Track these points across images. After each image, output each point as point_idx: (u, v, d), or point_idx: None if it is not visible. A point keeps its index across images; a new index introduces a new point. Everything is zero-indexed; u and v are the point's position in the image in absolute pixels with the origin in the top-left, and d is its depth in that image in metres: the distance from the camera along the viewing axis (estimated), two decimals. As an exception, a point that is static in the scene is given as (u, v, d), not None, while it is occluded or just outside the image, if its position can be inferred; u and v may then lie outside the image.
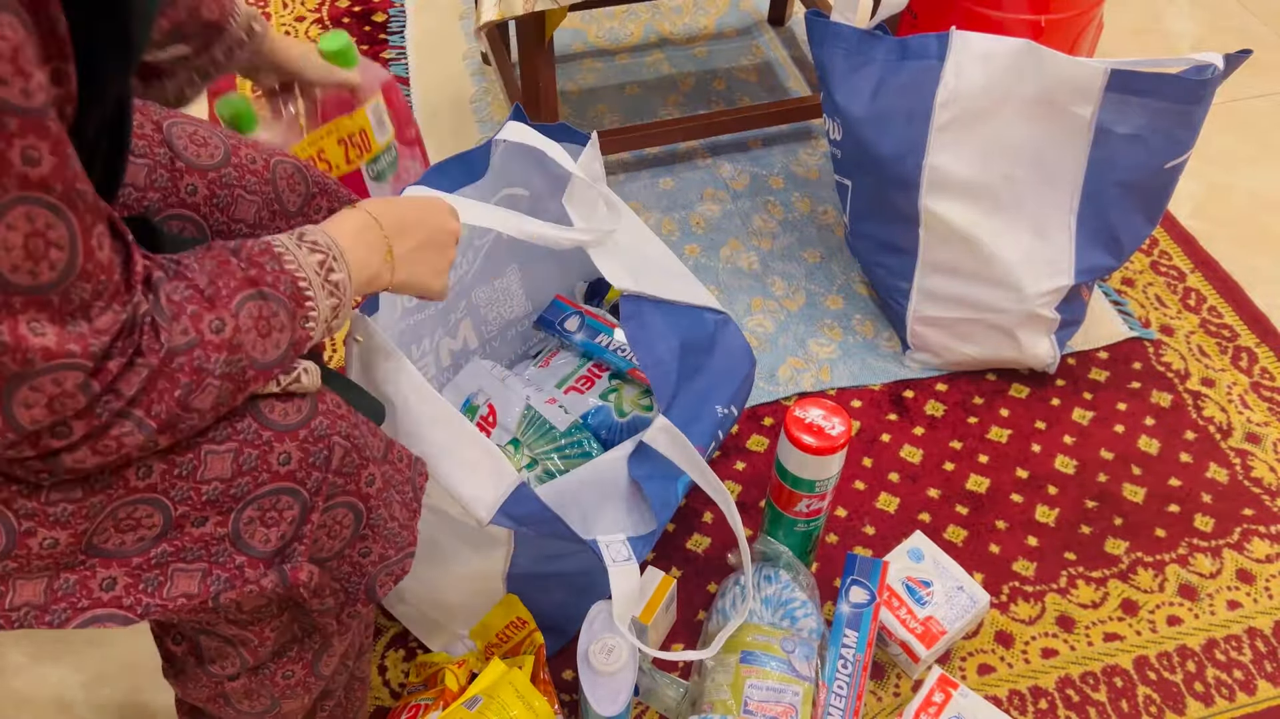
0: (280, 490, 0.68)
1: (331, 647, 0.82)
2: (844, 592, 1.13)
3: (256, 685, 0.80)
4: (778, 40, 2.02)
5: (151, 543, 0.66)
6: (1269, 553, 1.29)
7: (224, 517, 0.67)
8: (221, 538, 0.68)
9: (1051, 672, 1.18)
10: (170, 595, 0.67)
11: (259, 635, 0.76)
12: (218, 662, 0.78)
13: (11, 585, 0.64)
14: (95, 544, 0.64)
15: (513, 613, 1.14)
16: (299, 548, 0.70)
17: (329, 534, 0.73)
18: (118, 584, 0.67)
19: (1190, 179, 1.78)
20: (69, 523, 0.62)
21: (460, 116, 1.84)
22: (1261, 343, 1.52)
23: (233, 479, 0.67)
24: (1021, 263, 1.30)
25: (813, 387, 1.44)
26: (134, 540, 0.65)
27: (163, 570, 0.67)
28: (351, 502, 0.73)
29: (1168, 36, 2.09)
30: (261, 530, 0.69)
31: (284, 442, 0.68)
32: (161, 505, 0.65)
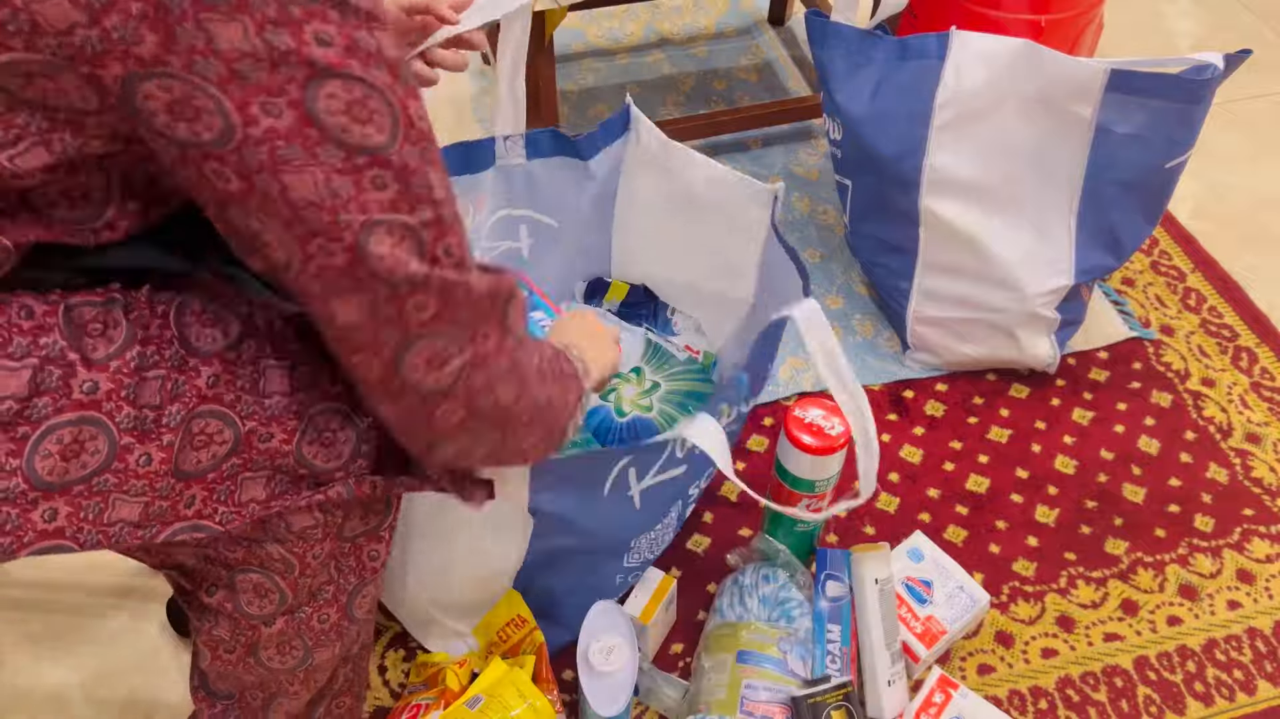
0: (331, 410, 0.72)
1: (366, 585, 0.83)
2: (820, 588, 1.13)
3: (292, 630, 0.81)
4: (778, 40, 2.02)
5: (223, 459, 0.68)
6: (1269, 553, 1.28)
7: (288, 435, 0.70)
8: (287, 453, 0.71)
9: (1051, 672, 1.18)
10: (241, 501, 0.70)
11: (301, 559, 0.77)
12: (256, 601, 0.78)
13: (110, 502, 0.64)
14: (180, 468, 0.66)
15: (513, 611, 1.14)
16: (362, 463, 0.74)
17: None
18: (196, 499, 0.69)
19: (1190, 179, 1.78)
20: (153, 432, 0.64)
21: (460, 116, 1.84)
22: (1262, 343, 1.52)
23: (293, 394, 0.70)
24: (1022, 263, 1.30)
25: (813, 386, 1.44)
26: (208, 458, 0.67)
27: (233, 481, 0.69)
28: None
29: (1168, 36, 2.09)
30: (321, 451, 0.72)
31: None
32: (230, 420, 0.67)
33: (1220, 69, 1.16)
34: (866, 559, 1.13)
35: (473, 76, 1.92)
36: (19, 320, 0.60)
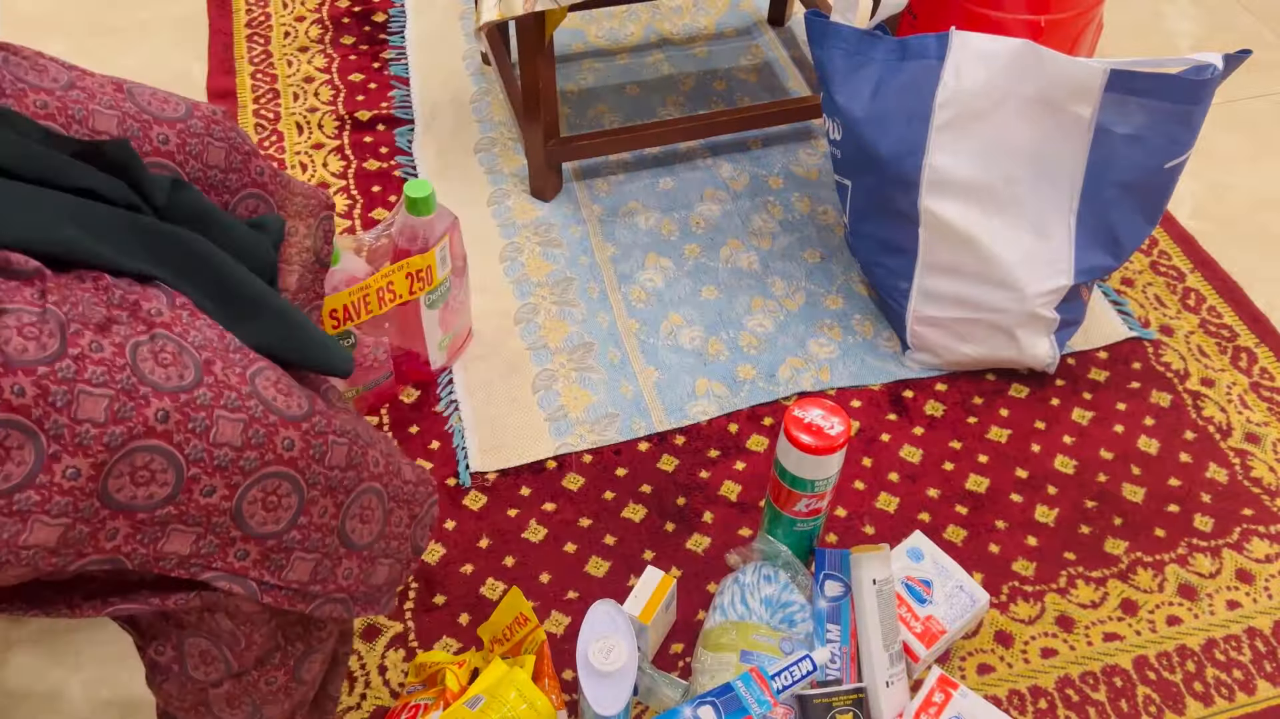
0: (282, 475, 0.71)
1: (314, 652, 0.83)
2: (819, 587, 1.14)
3: (239, 692, 0.81)
4: (777, 40, 2.02)
5: (160, 503, 0.67)
6: (1268, 553, 1.29)
7: (230, 490, 0.69)
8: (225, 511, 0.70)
9: (1051, 671, 1.18)
10: (162, 551, 0.68)
11: (247, 637, 0.77)
12: (202, 667, 0.79)
13: (30, 525, 0.63)
14: (109, 489, 0.65)
15: (516, 609, 1.14)
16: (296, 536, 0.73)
17: (362, 520, 0.77)
18: (249, 558, 0.70)
19: (1190, 179, 1.78)
20: (90, 448, 0.63)
21: (460, 116, 1.84)
22: (1261, 343, 1.52)
23: (242, 449, 0.69)
24: (1021, 263, 1.30)
25: (812, 386, 1.44)
26: (144, 496, 0.66)
27: (162, 529, 0.68)
28: (373, 486, 0.78)
29: (1168, 36, 2.09)
30: (261, 514, 0.70)
31: (287, 428, 0.71)
32: (175, 460, 0.66)
33: (1220, 69, 1.16)
34: (865, 559, 1.13)
35: (473, 76, 1.92)
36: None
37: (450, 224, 1.27)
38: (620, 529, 1.28)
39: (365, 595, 0.81)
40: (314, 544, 0.75)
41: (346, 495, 0.76)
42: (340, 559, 0.77)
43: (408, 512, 0.83)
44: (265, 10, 2.03)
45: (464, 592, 1.22)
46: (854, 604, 1.13)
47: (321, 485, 0.73)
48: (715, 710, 0.99)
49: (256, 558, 0.72)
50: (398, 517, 0.82)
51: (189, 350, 0.67)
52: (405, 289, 1.27)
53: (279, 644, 0.81)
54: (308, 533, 0.74)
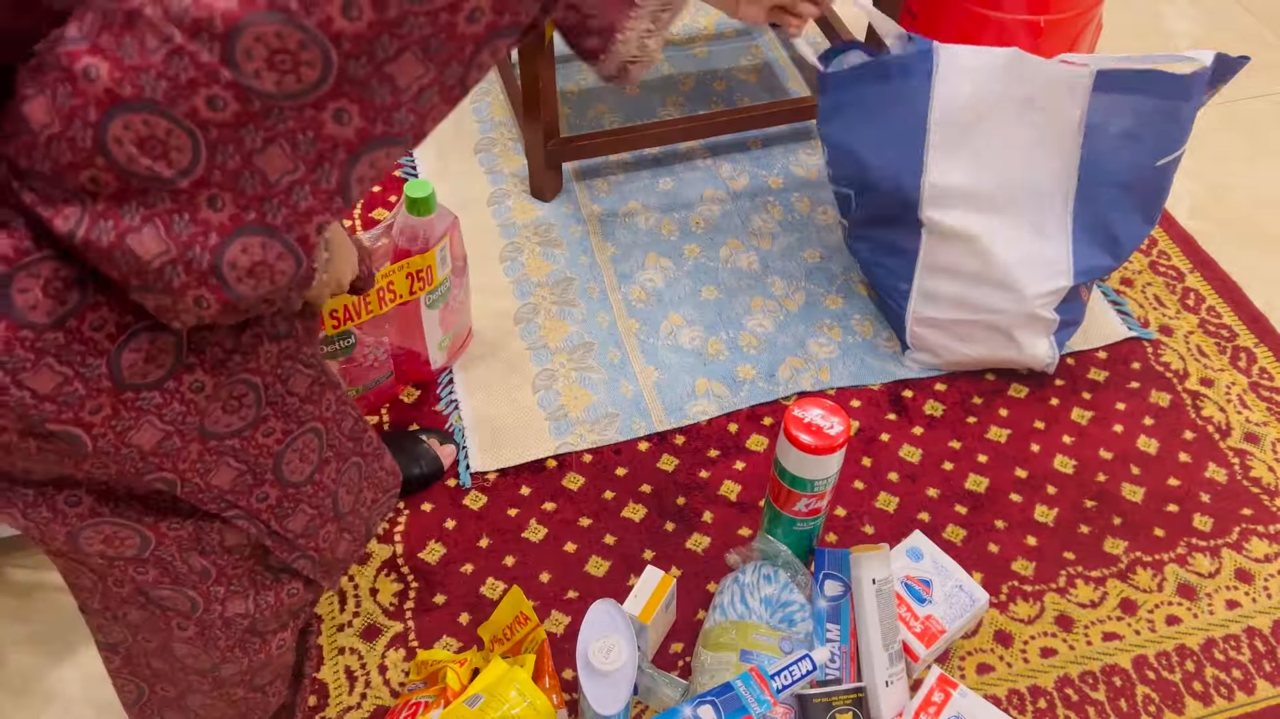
0: (315, 432, 0.77)
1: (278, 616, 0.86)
2: (819, 587, 1.14)
3: (199, 635, 0.83)
4: (777, 41, 2.02)
5: (234, 432, 0.71)
6: (1267, 552, 1.29)
7: (284, 434, 0.74)
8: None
9: (1050, 671, 1.18)
10: (210, 484, 0.72)
11: (219, 570, 0.79)
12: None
13: (140, 425, 0.64)
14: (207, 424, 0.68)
15: (517, 608, 1.14)
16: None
17: (347, 490, 0.83)
18: (190, 458, 0.71)
19: (1189, 179, 1.79)
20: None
21: (460, 116, 1.84)
22: (1260, 343, 1.52)
23: (305, 400, 0.75)
24: (1020, 264, 1.30)
25: (812, 386, 1.44)
26: (238, 421, 0.70)
27: (217, 460, 0.71)
28: (357, 461, 0.84)
29: (1167, 37, 2.09)
30: (296, 463, 0.76)
31: (330, 391, 0.78)
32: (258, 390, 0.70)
33: (1208, 65, 1.16)
34: (865, 559, 1.14)
35: (473, 77, 1.92)
36: None
37: (450, 224, 1.27)
38: (620, 529, 1.28)
39: (326, 564, 0.85)
40: (317, 502, 0.79)
41: (344, 462, 0.81)
42: (327, 521, 0.81)
43: (373, 494, 0.88)
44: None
45: (464, 591, 1.22)
46: (853, 604, 1.13)
47: (335, 449, 0.78)
48: (715, 710, 0.99)
49: (273, 503, 0.76)
50: (366, 496, 0.87)
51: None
52: (405, 289, 1.27)
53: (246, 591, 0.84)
54: (317, 489, 0.78)
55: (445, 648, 1.18)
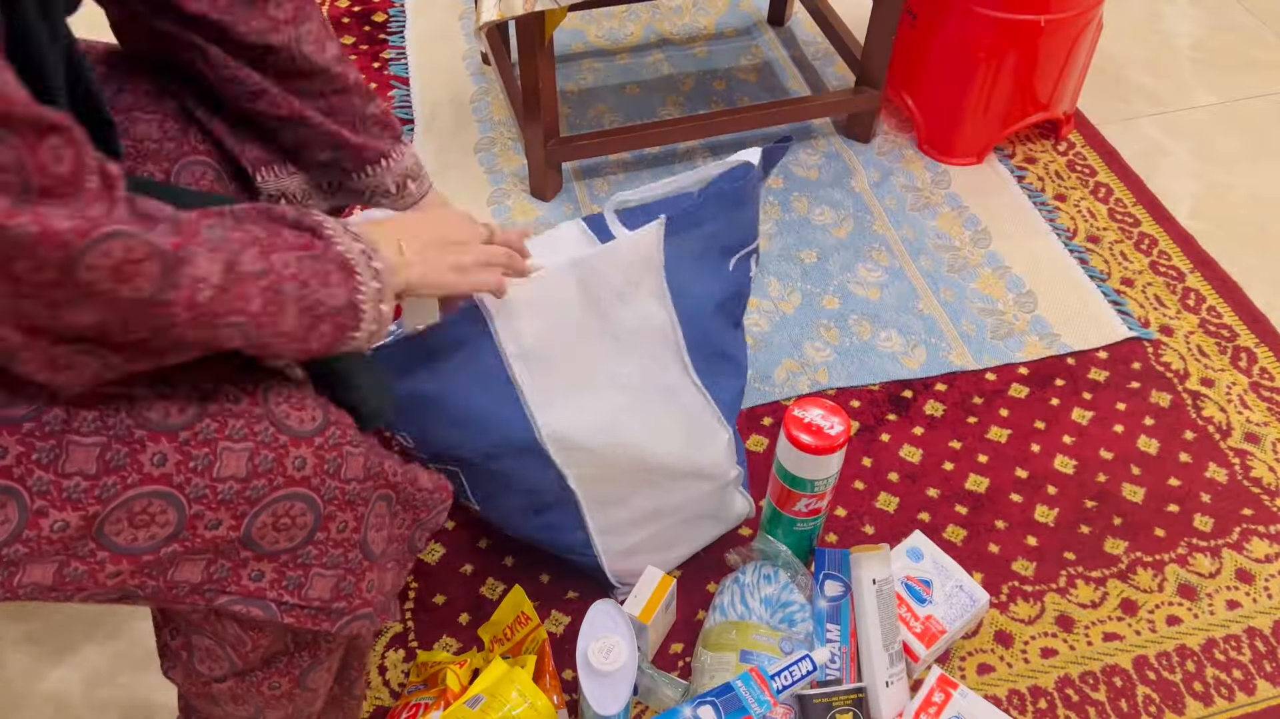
0: (294, 496, 0.68)
1: (321, 664, 0.83)
2: (819, 587, 1.14)
3: (243, 691, 0.81)
4: (777, 40, 2.02)
5: (162, 542, 0.64)
6: (1268, 553, 1.29)
7: (237, 520, 0.66)
8: (233, 541, 0.67)
9: (1051, 671, 1.18)
10: (173, 580, 0.67)
11: (254, 640, 0.77)
12: (207, 662, 0.79)
13: (22, 568, 0.61)
14: (106, 533, 0.62)
15: (518, 608, 1.14)
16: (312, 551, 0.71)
17: (377, 529, 0.75)
18: (265, 578, 0.69)
19: (1190, 179, 1.79)
20: (80, 502, 0.61)
21: (460, 116, 1.84)
22: (1261, 343, 1.52)
23: (248, 480, 0.65)
24: (685, 445, 1.12)
25: (810, 388, 1.44)
26: (145, 538, 0.64)
27: (170, 561, 0.66)
28: (386, 494, 0.76)
29: (1167, 37, 2.09)
30: (272, 534, 0.68)
31: (299, 447, 0.68)
32: (175, 501, 0.63)
33: (758, 167, 1.11)
34: (865, 559, 1.13)
35: (473, 76, 1.92)
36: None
37: None
38: (620, 529, 1.28)
39: (382, 605, 0.79)
40: (334, 560, 0.72)
41: (366, 506, 0.73)
42: (364, 573, 0.74)
43: (412, 515, 0.81)
44: (265, 10, 2.03)
45: (464, 592, 1.22)
46: (854, 604, 1.13)
47: (339, 500, 0.70)
48: (715, 710, 0.99)
49: (273, 577, 0.70)
50: (401, 519, 0.80)
51: (188, 378, 0.64)
52: None
53: (287, 649, 0.80)
54: (325, 548, 0.71)
55: (445, 648, 1.18)
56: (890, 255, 1.63)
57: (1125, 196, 1.74)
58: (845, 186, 1.74)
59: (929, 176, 1.76)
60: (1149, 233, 1.68)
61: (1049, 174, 1.78)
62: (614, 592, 1.19)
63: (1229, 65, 2.03)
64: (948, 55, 1.69)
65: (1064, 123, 1.81)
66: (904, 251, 1.64)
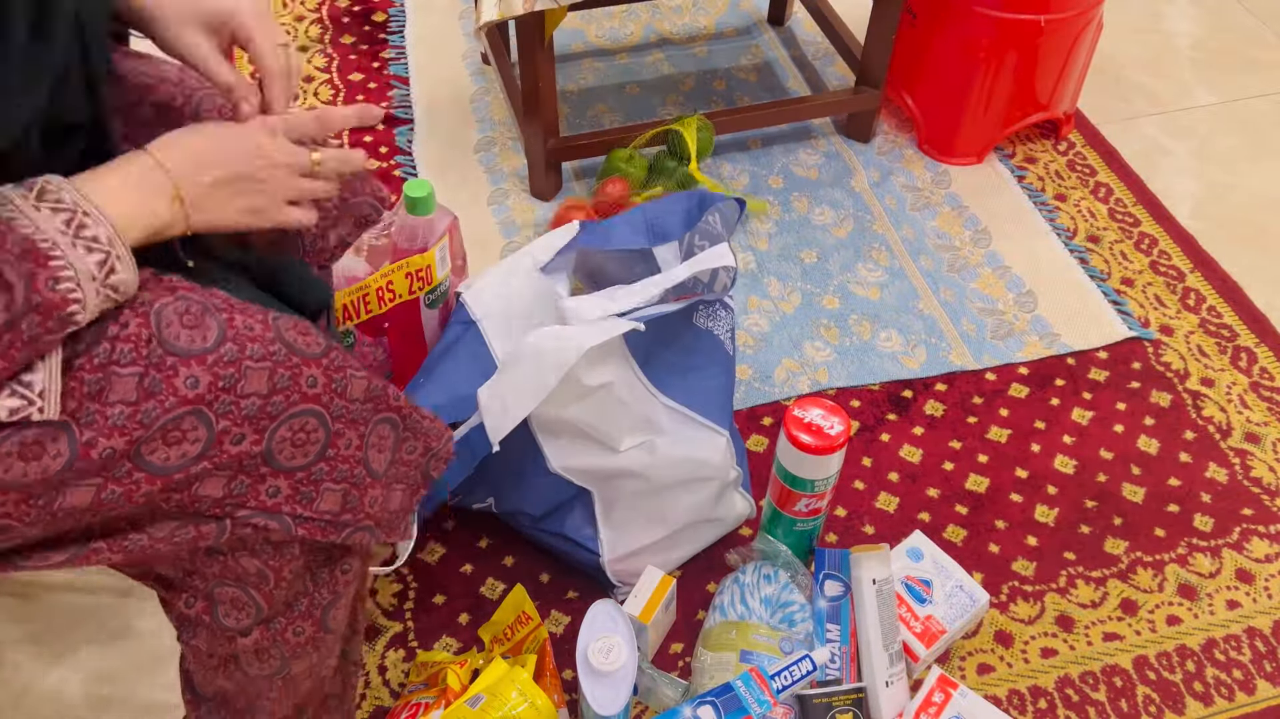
0: (309, 413, 0.73)
1: (339, 598, 0.84)
2: (819, 587, 1.14)
3: (268, 642, 0.82)
4: (777, 40, 2.02)
5: (193, 460, 0.68)
6: (1268, 553, 1.29)
7: (259, 434, 0.70)
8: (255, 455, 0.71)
9: (1051, 671, 1.18)
10: (197, 495, 0.70)
11: (275, 573, 0.78)
12: (233, 614, 0.79)
13: (64, 493, 0.65)
14: (143, 454, 0.66)
15: (520, 607, 1.14)
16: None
17: (379, 449, 0.79)
18: (281, 493, 0.73)
19: (1190, 179, 1.79)
20: (125, 428, 0.65)
21: (460, 116, 1.84)
22: (1261, 342, 1.52)
23: (269, 396, 0.70)
24: (684, 455, 1.14)
25: (810, 387, 1.44)
26: (178, 456, 0.67)
27: (196, 479, 0.69)
28: (389, 417, 0.80)
29: (1167, 37, 2.09)
30: (289, 450, 0.72)
31: (310, 366, 0.72)
32: (205, 418, 0.67)
33: (733, 266, 1.11)
34: (865, 559, 1.13)
35: (473, 76, 1.92)
36: None
37: (450, 223, 1.27)
38: (620, 529, 1.28)
39: (387, 522, 0.82)
40: (341, 474, 0.76)
41: (367, 426, 0.77)
42: (366, 488, 0.79)
43: (423, 443, 0.84)
44: (265, 10, 2.02)
45: (464, 591, 1.22)
46: (854, 604, 1.13)
47: (345, 418, 0.75)
48: (715, 710, 0.99)
49: (288, 493, 0.74)
50: (411, 445, 0.83)
51: (211, 310, 0.69)
52: (405, 289, 1.27)
53: (305, 588, 0.82)
54: (335, 464, 0.75)
55: (445, 648, 1.18)
56: (890, 255, 1.63)
57: (1125, 196, 1.74)
58: (845, 186, 1.74)
59: (929, 176, 1.76)
60: (1149, 233, 1.68)
61: (1049, 174, 1.78)
62: (614, 592, 1.19)
63: (1229, 65, 2.02)
64: (948, 55, 1.69)
65: (1064, 123, 1.81)
66: (904, 251, 1.64)
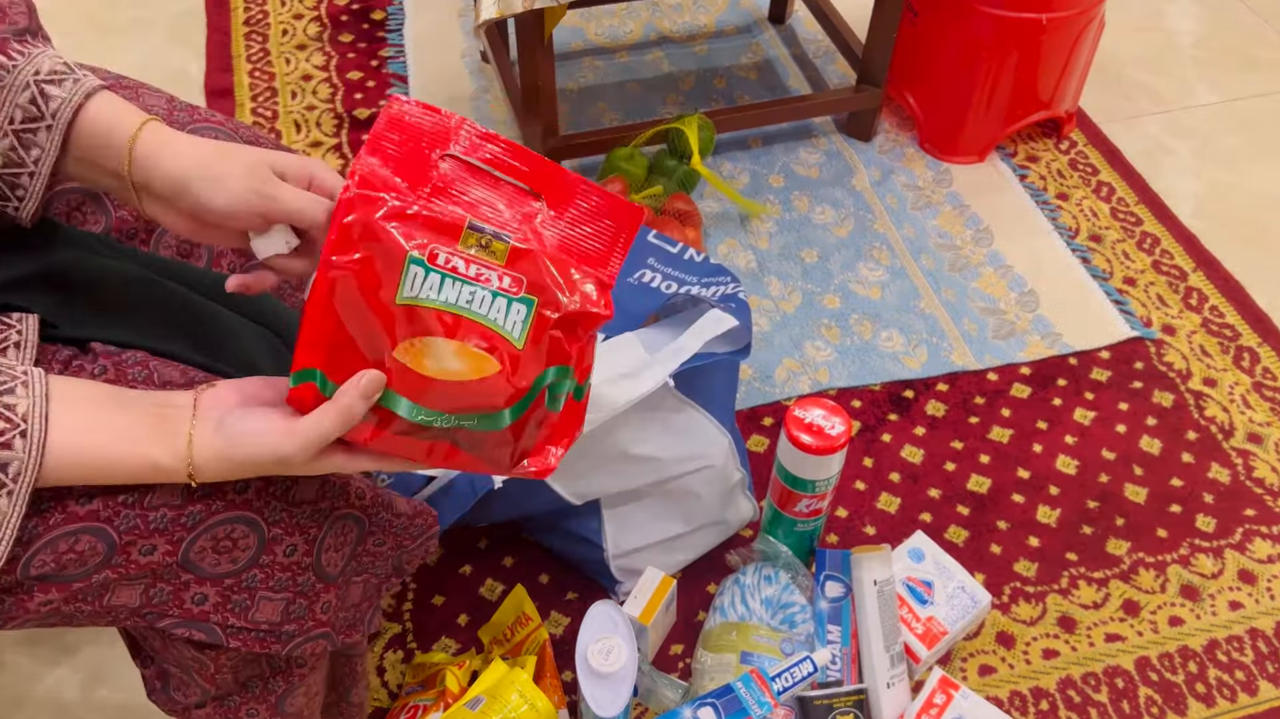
0: (235, 520, 0.66)
1: (296, 688, 0.80)
2: (820, 588, 1.13)
3: (222, 716, 0.79)
4: (778, 38, 2.02)
5: (94, 569, 0.62)
6: (1271, 553, 1.28)
7: (173, 546, 0.64)
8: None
9: (1053, 672, 1.17)
10: (110, 605, 0.64)
11: (215, 663, 0.74)
12: (181, 689, 0.77)
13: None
14: (32, 569, 0.60)
15: (520, 608, 1.14)
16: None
17: (336, 550, 0.72)
18: (208, 601, 0.66)
19: (1192, 178, 1.78)
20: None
21: (459, 115, 1.84)
22: (1263, 342, 1.52)
23: (183, 507, 0.63)
24: (687, 450, 1.13)
25: (811, 387, 1.43)
26: (76, 567, 0.61)
27: (104, 588, 0.63)
28: (351, 514, 0.73)
29: (1168, 36, 2.08)
30: (212, 557, 0.66)
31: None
32: (104, 534, 0.61)
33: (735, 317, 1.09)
34: (866, 560, 1.13)
35: (472, 74, 1.92)
36: None
37: None
38: (620, 529, 1.28)
39: (346, 621, 0.76)
40: (281, 584, 0.68)
41: (320, 529, 0.69)
42: (318, 595, 0.71)
43: (394, 540, 0.77)
44: (263, 8, 2.02)
45: (463, 592, 1.22)
46: (855, 605, 1.13)
47: (285, 523, 0.67)
48: (715, 712, 0.99)
49: (216, 600, 0.66)
50: (378, 539, 0.76)
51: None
52: None
53: (260, 672, 0.77)
54: (271, 572, 0.67)
55: (444, 649, 1.17)
56: (891, 254, 1.62)
57: (1128, 195, 1.74)
58: (846, 185, 1.73)
59: (930, 175, 1.76)
60: (1151, 232, 1.68)
61: (1051, 173, 1.78)
62: (614, 591, 1.19)
63: (1231, 64, 2.02)
64: (949, 53, 1.68)
65: (1066, 121, 1.81)
66: (905, 251, 1.63)
